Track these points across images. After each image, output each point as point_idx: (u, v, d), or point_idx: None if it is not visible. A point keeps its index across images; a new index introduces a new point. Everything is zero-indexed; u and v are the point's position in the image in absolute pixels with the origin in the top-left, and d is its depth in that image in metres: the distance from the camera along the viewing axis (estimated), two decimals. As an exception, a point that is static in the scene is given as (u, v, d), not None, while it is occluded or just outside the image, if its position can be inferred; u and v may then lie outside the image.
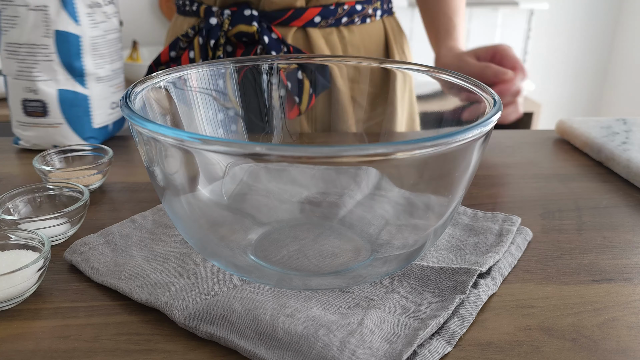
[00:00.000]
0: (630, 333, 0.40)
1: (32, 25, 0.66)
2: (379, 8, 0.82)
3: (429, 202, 0.44)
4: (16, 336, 0.39)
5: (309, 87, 0.66)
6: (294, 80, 0.65)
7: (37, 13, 0.66)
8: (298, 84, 0.66)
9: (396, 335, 0.37)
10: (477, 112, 0.45)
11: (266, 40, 0.73)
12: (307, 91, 0.66)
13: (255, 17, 0.74)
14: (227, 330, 0.38)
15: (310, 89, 0.66)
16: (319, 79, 0.63)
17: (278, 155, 0.33)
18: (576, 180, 0.66)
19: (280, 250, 0.47)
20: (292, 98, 0.65)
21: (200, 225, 0.44)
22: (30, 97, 0.69)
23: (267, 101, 0.59)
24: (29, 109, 0.69)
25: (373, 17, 0.81)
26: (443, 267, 0.44)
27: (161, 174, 0.40)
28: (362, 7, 0.79)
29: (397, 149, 0.33)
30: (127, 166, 0.67)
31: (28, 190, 0.53)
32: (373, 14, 0.81)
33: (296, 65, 0.63)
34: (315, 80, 0.64)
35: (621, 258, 0.50)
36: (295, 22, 0.75)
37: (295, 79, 0.65)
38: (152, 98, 0.47)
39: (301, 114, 0.68)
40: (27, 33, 0.67)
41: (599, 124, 0.79)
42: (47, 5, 0.66)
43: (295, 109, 0.67)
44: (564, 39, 2.33)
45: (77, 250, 0.47)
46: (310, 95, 0.67)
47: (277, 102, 0.59)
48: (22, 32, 0.67)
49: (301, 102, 0.67)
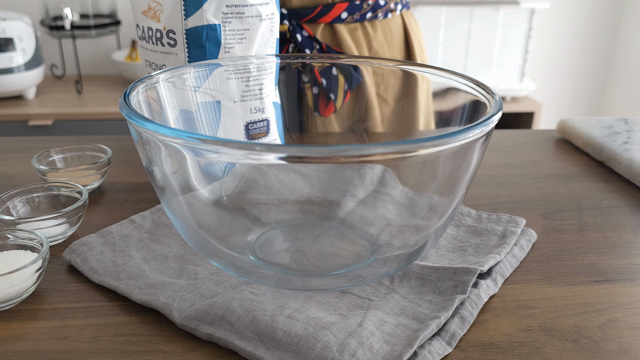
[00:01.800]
0: (632, 334, 0.40)
1: (261, 36, 0.58)
2: (399, 2, 0.83)
3: (429, 202, 0.44)
4: (15, 337, 0.38)
5: (344, 82, 0.65)
6: (330, 76, 0.64)
7: (267, 22, 0.58)
8: (332, 80, 0.65)
9: (396, 337, 0.37)
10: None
11: (299, 38, 0.73)
12: (342, 87, 0.65)
13: (285, 16, 0.74)
14: (226, 331, 0.38)
15: (345, 84, 0.65)
16: (352, 73, 0.62)
17: (278, 155, 0.33)
18: (577, 180, 0.66)
19: (280, 250, 0.47)
20: (327, 95, 0.65)
21: (199, 225, 0.44)
22: (257, 117, 0.58)
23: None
24: (252, 132, 0.59)
25: (394, 12, 0.83)
26: (443, 267, 0.44)
27: (160, 174, 0.40)
28: (385, 2, 0.80)
29: (398, 149, 0.33)
30: (126, 166, 0.67)
31: (27, 190, 0.53)
32: (394, 8, 0.82)
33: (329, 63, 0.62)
34: (349, 75, 0.63)
35: (623, 258, 0.49)
36: (324, 19, 0.75)
37: (330, 75, 0.64)
38: (151, 97, 0.46)
39: (336, 110, 0.68)
40: (257, 46, 0.58)
41: (601, 123, 0.79)
42: (273, 13, 0.59)
43: (330, 106, 0.66)
44: (565, 38, 2.33)
45: (75, 250, 0.47)
46: (345, 91, 0.66)
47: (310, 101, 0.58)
48: (250, 45, 0.58)
49: (337, 99, 0.66)
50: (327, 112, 0.66)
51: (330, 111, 0.67)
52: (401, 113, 0.61)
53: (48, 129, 1.63)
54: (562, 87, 2.42)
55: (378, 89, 0.64)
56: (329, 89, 0.65)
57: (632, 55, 2.28)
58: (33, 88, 1.71)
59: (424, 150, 0.34)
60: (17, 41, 1.61)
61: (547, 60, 2.35)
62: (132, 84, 0.44)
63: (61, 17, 1.72)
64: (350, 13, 0.75)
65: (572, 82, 2.42)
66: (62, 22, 1.71)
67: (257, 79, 0.57)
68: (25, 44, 1.62)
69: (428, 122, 0.63)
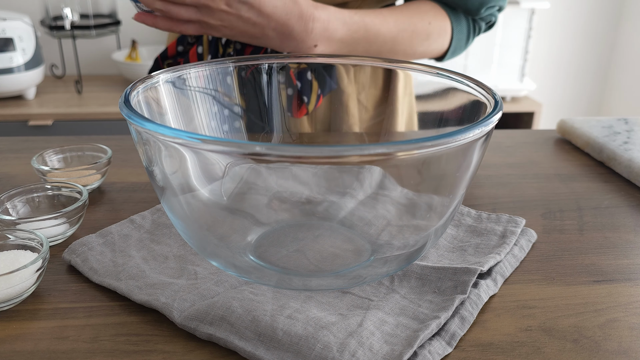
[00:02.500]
0: (632, 334, 0.40)
1: None
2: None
3: (429, 202, 0.44)
4: (15, 337, 0.38)
5: (317, 87, 0.66)
6: (304, 80, 0.65)
7: None
8: (307, 84, 0.66)
9: (396, 337, 0.37)
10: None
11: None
12: (316, 91, 0.66)
13: None
14: (226, 331, 0.38)
15: (319, 89, 0.66)
16: (326, 80, 0.63)
17: (278, 155, 0.33)
18: (577, 181, 0.66)
19: (280, 250, 0.47)
20: (300, 98, 0.65)
21: (199, 225, 0.44)
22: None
23: (267, 101, 0.59)
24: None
25: None
26: (443, 267, 0.44)
27: (160, 173, 0.40)
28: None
29: (398, 148, 0.33)
30: (126, 166, 0.67)
31: (27, 190, 0.53)
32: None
33: (306, 65, 0.63)
34: (323, 81, 0.64)
35: (623, 258, 0.49)
36: None
37: (305, 79, 0.65)
38: (151, 97, 0.46)
39: (308, 113, 0.68)
40: None
41: (600, 123, 0.78)
42: None
43: (303, 108, 0.67)
44: (565, 38, 2.33)
45: (75, 250, 0.47)
46: (318, 96, 0.67)
47: (278, 102, 0.59)
48: None
49: (309, 102, 0.67)
50: (299, 114, 0.67)
51: (302, 113, 0.67)
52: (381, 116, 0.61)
53: (48, 129, 1.63)
54: (562, 87, 2.42)
55: (359, 95, 0.65)
56: (303, 91, 0.65)
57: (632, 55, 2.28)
58: (33, 88, 1.71)
59: (424, 150, 0.34)
60: (17, 41, 1.61)
61: (547, 60, 2.35)
62: (132, 84, 0.44)
63: (61, 17, 1.72)
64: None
65: (572, 82, 2.42)
66: (62, 22, 1.71)
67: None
68: (25, 44, 1.62)
69: (411, 122, 0.63)
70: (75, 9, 1.73)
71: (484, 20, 0.75)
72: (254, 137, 0.59)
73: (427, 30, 0.70)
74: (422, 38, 0.70)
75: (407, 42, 0.69)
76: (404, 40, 0.69)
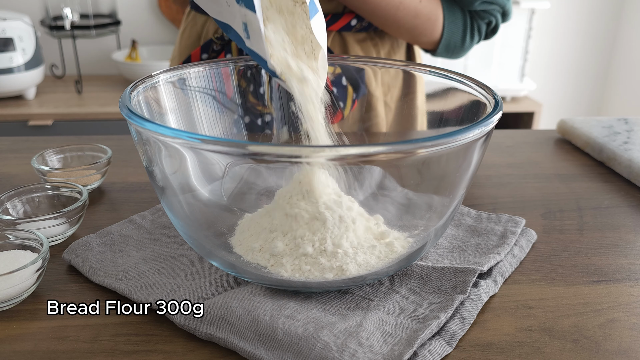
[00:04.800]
0: (632, 334, 0.40)
1: None
2: None
3: (429, 202, 0.44)
4: (15, 337, 0.38)
5: (352, 92, 0.67)
6: (340, 85, 0.66)
7: None
8: (342, 90, 0.66)
9: (396, 337, 0.37)
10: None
11: None
12: (351, 96, 0.67)
13: None
14: (226, 331, 0.37)
15: (354, 94, 0.67)
16: (359, 84, 0.64)
17: (277, 155, 0.33)
18: (577, 181, 0.66)
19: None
20: (336, 103, 0.66)
21: (199, 225, 0.44)
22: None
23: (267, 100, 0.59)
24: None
25: None
26: (443, 267, 0.44)
27: (160, 173, 0.40)
28: None
29: (398, 148, 0.33)
30: (126, 166, 0.67)
31: (27, 190, 0.53)
32: None
33: (340, 70, 0.63)
34: (357, 86, 0.65)
35: (623, 258, 0.49)
36: (333, 27, 0.75)
37: (340, 84, 0.66)
38: (151, 97, 0.46)
39: (344, 118, 0.69)
40: None
41: (601, 123, 0.78)
42: None
43: (338, 114, 0.68)
44: (565, 38, 2.33)
45: (75, 250, 0.47)
46: (353, 100, 0.68)
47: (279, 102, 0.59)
48: None
49: (345, 107, 0.68)
50: (336, 119, 0.67)
51: (338, 119, 0.68)
52: (401, 114, 0.62)
53: (48, 129, 1.63)
54: (562, 87, 2.42)
55: (385, 96, 0.65)
56: (338, 97, 0.66)
57: (632, 55, 2.28)
58: (33, 88, 1.71)
59: (424, 150, 0.34)
60: (17, 41, 1.61)
61: (547, 60, 2.35)
62: (132, 84, 0.44)
63: (61, 17, 1.72)
64: (359, 20, 0.75)
65: (572, 82, 2.41)
66: (62, 22, 1.71)
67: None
68: (25, 44, 1.62)
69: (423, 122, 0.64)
70: (75, 9, 1.73)
71: (482, 18, 0.74)
72: (254, 137, 0.59)
73: (416, 7, 0.69)
74: (411, 14, 0.69)
75: (393, 12, 0.68)
76: (390, 8, 0.68)
